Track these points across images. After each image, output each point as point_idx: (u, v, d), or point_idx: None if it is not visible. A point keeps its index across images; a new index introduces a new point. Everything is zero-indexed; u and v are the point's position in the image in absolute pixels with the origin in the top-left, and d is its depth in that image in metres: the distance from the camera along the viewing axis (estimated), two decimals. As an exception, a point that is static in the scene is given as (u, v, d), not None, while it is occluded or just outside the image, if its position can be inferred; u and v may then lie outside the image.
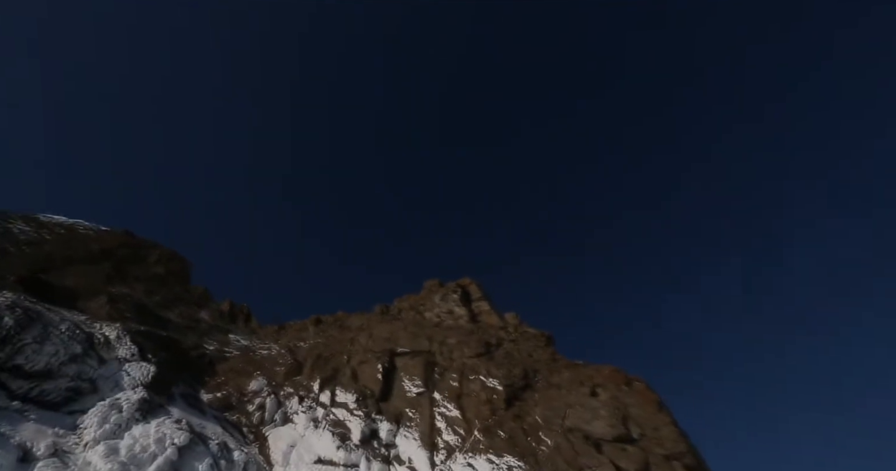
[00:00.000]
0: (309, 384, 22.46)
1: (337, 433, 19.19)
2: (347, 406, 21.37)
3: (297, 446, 17.88)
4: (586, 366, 23.35)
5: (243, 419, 18.51)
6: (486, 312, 34.35)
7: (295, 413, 20.05)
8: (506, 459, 17.75)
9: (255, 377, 21.63)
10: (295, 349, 27.37)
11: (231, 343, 27.31)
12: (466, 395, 22.08)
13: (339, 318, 41.10)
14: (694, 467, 15.62)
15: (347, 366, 25.13)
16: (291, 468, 16.95)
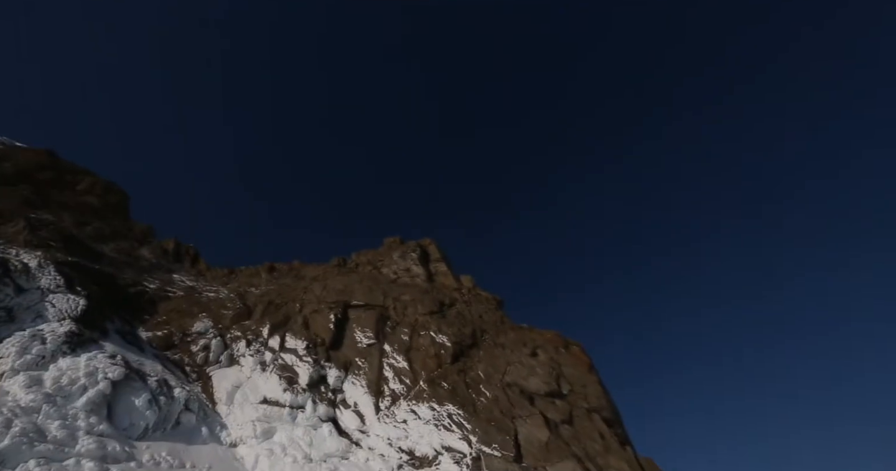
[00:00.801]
0: (258, 329, 22.27)
1: (284, 377, 19.47)
2: (297, 352, 21.57)
3: (243, 387, 18.00)
4: (531, 330, 24.97)
5: (186, 359, 18.19)
6: (442, 273, 35.10)
7: (242, 356, 19.97)
8: (447, 407, 19.06)
9: (201, 319, 21.05)
10: (245, 294, 26.73)
11: (175, 283, 26.08)
12: (416, 349, 23.01)
13: (294, 267, 40.31)
14: (610, 420, 17.71)
15: (299, 314, 25.07)
16: (235, 407, 17.15)
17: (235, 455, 14.70)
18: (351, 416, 19.05)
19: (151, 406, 12.99)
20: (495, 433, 17.18)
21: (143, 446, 11.94)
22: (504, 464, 15.93)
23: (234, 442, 15.29)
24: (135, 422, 12.45)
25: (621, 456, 15.93)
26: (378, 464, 16.55)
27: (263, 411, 17.05)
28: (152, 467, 11.27)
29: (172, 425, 13.58)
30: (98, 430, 11.21)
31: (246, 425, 16.13)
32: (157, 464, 11.50)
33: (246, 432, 15.80)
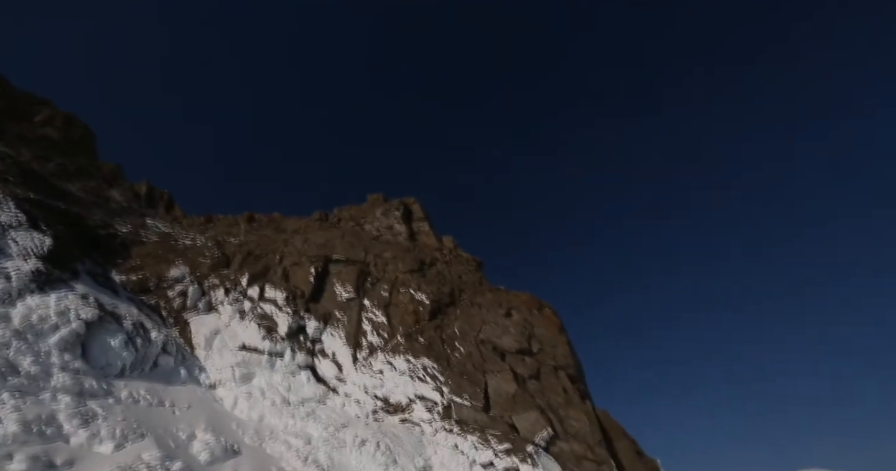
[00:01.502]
0: (237, 278, 22.15)
1: (263, 325, 19.74)
2: (276, 303, 21.73)
3: (222, 333, 18.20)
4: (507, 292, 25.78)
5: (162, 304, 18.07)
6: (425, 233, 35.18)
7: (220, 303, 19.98)
8: (422, 360, 19.93)
9: (177, 265, 20.67)
10: (223, 243, 26.24)
11: (149, 228, 25.22)
12: (394, 305, 23.54)
13: (275, 219, 39.50)
14: (574, 377, 19.00)
15: (279, 266, 24.96)
16: (214, 353, 17.43)
17: (215, 396, 15.16)
18: (329, 365, 19.73)
19: (128, 347, 13.04)
20: (467, 385, 18.23)
21: (122, 385, 12.12)
22: (473, 413, 17.08)
23: (213, 384, 15.71)
24: (111, 362, 12.53)
25: (581, 408, 17.29)
26: (354, 409, 17.46)
27: (242, 356, 17.42)
28: (131, 404, 11.52)
29: (150, 367, 13.75)
30: (73, 367, 11.25)
31: (225, 369, 16.50)
32: (135, 401, 11.76)
33: (225, 375, 16.20)
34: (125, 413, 10.81)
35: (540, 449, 15.34)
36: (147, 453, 9.63)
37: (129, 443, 9.72)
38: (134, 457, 9.20)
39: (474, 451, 15.12)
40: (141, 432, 10.29)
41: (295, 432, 14.64)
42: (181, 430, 11.73)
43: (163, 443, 10.43)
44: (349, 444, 14.43)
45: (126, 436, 9.83)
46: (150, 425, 10.85)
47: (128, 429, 10.08)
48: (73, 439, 9.24)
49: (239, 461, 11.91)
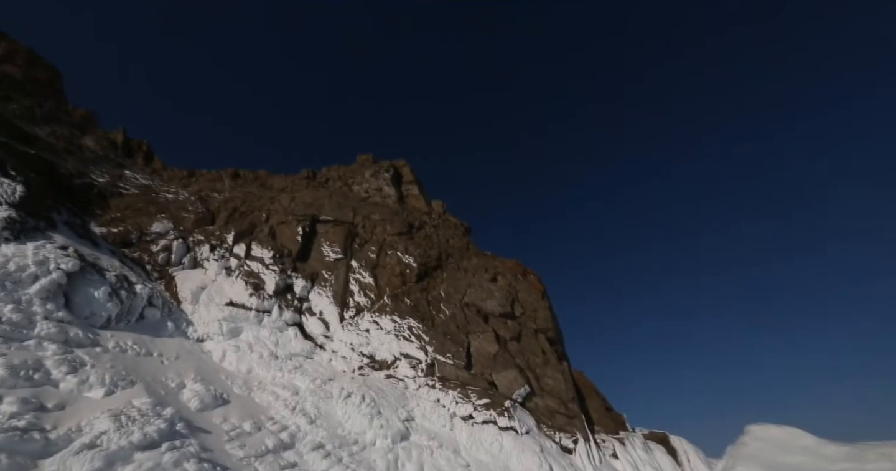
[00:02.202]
0: (222, 235, 21.83)
1: (250, 283, 19.77)
2: (263, 261, 21.66)
3: (208, 289, 18.20)
4: (494, 257, 26.18)
5: (146, 258, 17.80)
6: (414, 196, 34.85)
7: (206, 260, 19.81)
8: (408, 320, 20.47)
9: (160, 219, 20.16)
10: (207, 199, 25.56)
11: (127, 179, 24.25)
12: (382, 266, 23.74)
13: (260, 176, 38.41)
14: (553, 340, 19.87)
15: (266, 224, 24.62)
16: (201, 307, 17.51)
17: (203, 349, 15.43)
18: (316, 322, 20.13)
19: (112, 299, 12.96)
20: (450, 345, 18.93)
21: (108, 335, 12.19)
22: (455, 370, 17.88)
23: (201, 337, 15.92)
24: (96, 312, 12.49)
25: (557, 368, 18.26)
26: (340, 364, 18.07)
27: (229, 312, 17.57)
28: (118, 353, 11.65)
29: (137, 319, 13.78)
30: (57, 316, 11.19)
31: (212, 323, 16.67)
32: (123, 351, 11.89)
33: (212, 329, 16.40)
34: (113, 362, 10.95)
35: (517, 404, 16.31)
36: (138, 400, 9.89)
37: (119, 389, 9.93)
38: (125, 402, 9.44)
39: (455, 405, 15.99)
40: (130, 379, 10.50)
41: (283, 384, 15.16)
42: (170, 379, 12.01)
43: (153, 390, 10.69)
44: (335, 396, 15.05)
45: (116, 383, 10.02)
46: (139, 374, 11.06)
47: (117, 376, 10.26)
48: (63, 384, 9.38)
49: (228, 409, 12.36)
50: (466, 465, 13.22)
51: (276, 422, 12.73)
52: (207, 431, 10.64)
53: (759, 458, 12.50)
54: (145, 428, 8.82)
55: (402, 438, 13.93)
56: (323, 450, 12.02)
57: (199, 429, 10.39)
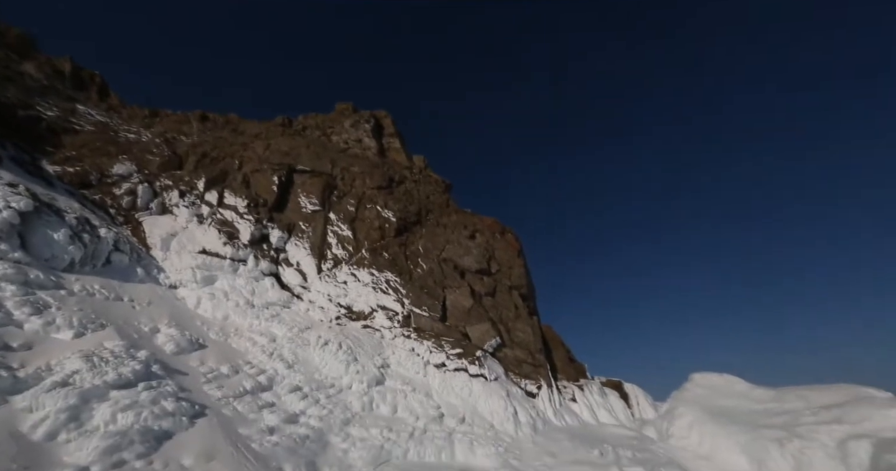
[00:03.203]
0: (192, 181, 20.80)
1: (224, 232, 19.28)
2: (237, 210, 20.99)
3: (179, 236, 17.66)
4: (473, 215, 26.28)
5: (108, 201, 16.87)
6: (395, 150, 33.83)
7: (175, 206, 19.00)
8: (385, 274, 20.74)
9: (122, 161, 18.88)
10: (174, 142, 23.97)
11: (81, 115, 22.22)
12: (361, 220, 23.51)
13: (232, 121, 36.04)
14: (525, 296, 20.72)
15: (239, 172, 23.55)
16: (172, 254, 17.08)
17: (176, 296, 15.27)
18: (293, 273, 20.11)
19: (74, 242, 12.39)
20: (426, 298, 19.47)
21: (72, 278, 11.81)
22: (430, 322, 18.56)
23: (174, 284, 15.70)
24: (57, 255, 11.98)
25: (527, 323, 19.23)
26: (318, 314, 18.39)
27: (203, 260, 17.24)
28: (85, 297, 11.38)
29: (103, 263, 13.34)
30: (13, 257, 10.67)
31: (185, 270, 16.38)
32: (90, 295, 11.62)
33: (185, 276, 16.15)
34: (80, 305, 10.72)
35: (487, 354, 17.28)
36: (110, 342, 9.85)
37: (89, 332, 9.82)
38: (96, 344, 9.39)
39: (429, 353, 16.79)
40: (100, 322, 10.37)
41: (260, 331, 15.39)
42: (143, 324, 11.95)
43: (125, 334, 10.64)
44: (312, 343, 15.47)
45: (85, 325, 9.88)
46: (110, 317, 10.92)
47: (85, 319, 10.10)
48: (27, 325, 9.17)
49: (205, 353, 12.55)
50: (438, 406, 14.16)
51: (253, 366, 13.08)
52: (184, 372, 10.84)
53: (698, 401, 13.97)
54: (119, 369, 8.87)
55: (377, 382, 14.66)
56: (300, 392, 12.55)
57: (175, 371, 10.56)
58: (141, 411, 8.09)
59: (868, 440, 10.33)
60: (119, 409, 7.89)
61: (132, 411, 7.98)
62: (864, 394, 12.72)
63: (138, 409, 8.13)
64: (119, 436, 7.30)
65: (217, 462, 7.80)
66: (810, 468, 10.35)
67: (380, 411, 13.34)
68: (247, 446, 8.99)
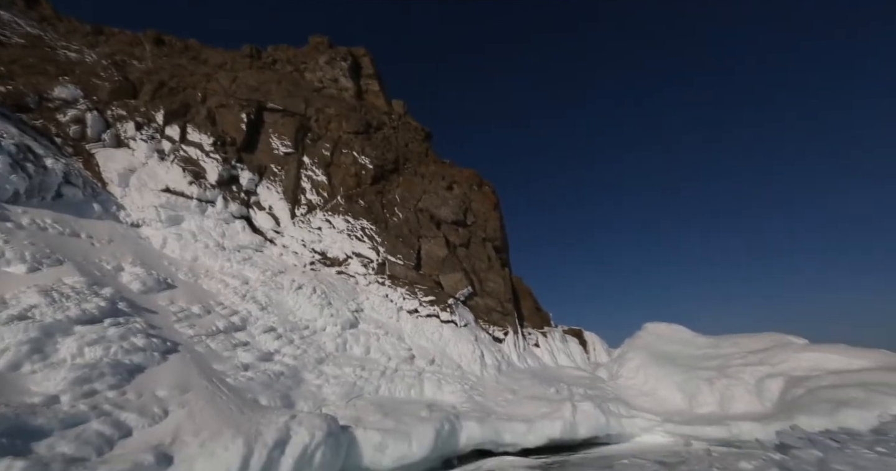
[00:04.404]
0: (149, 113, 19.02)
1: (189, 170, 18.16)
2: (202, 147, 19.64)
3: (139, 172, 16.50)
4: (451, 166, 25.83)
5: (53, 129, 15.28)
6: (374, 93, 31.87)
7: (132, 139, 17.50)
8: (361, 221, 20.51)
9: (63, 83, 16.82)
10: (125, 66, 21.46)
11: (5, 24, 19.18)
12: (336, 165, 22.64)
13: (191, 46, 32.38)
14: (499, 248, 21.21)
15: (202, 105, 21.69)
16: (132, 191, 16.07)
17: (139, 235, 14.63)
18: (265, 217, 19.54)
19: (17, 171, 11.33)
20: (402, 247, 19.59)
21: (19, 211, 10.96)
22: (404, 270, 18.85)
23: (136, 223, 14.96)
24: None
25: (499, 274, 19.90)
26: (292, 259, 18.24)
27: (167, 199, 16.36)
28: (36, 230, 10.68)
29: (53, 196, 12.39)
30: (-52, 184, 9.72)
31: (148, 209, 15.56)
32: (41, 229, 10.90)
33: (149, 215, 15.37)
34: (32, 239, 10.08)
35: (459, 302, 17.96)
36: (69, 278, 9.46)
37: (44, 267, 9.35)
38: (54, 280, 9.01)
39: (402, 300, 17.26)
40: (57, 258, 9.86)
41: (231, 274, 15.20)
42: (105, 261, 11.48)
43: (85, 270, 10.23)
44: (286, 287, 15.51)
45: (39, 260, 9.38)
46: (67, 253, 10.40)
47: (40, 254, 9.57)
48: (-26, 258, 8.63)
49: (175, 293, 12.36)
50: (409, 349, 14.88)
51: (226, 307, 13.07)
52: (153, 311, 10.71)
53: (646, 347, 15.36)
54: (83, 305, 8.64)
55: (350, 326, 15.09)
56: (274, 332, 12.79)
57: (143, 309, 10.41)
58: (110, 346, 8.04)
59: (781, 378, 11.88)
60: (86, 343, 7.80)
61: (100, 345, 7.91)
62: (786, 341, 14.45)
63: (106, 344, 8.07)
64: (88, 368, 7.29)
65: (192, 394, 8.01)
66: (732, 402, 11.87)
67: (353, 351, 13.89)
68: (221, 380, 9.24)
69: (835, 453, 6.80)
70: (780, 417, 10.24)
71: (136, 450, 6.16)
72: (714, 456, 8.74)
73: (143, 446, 6.28)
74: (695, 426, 11.13)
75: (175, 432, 6.88)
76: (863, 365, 12.04)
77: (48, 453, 5.52)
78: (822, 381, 11.28)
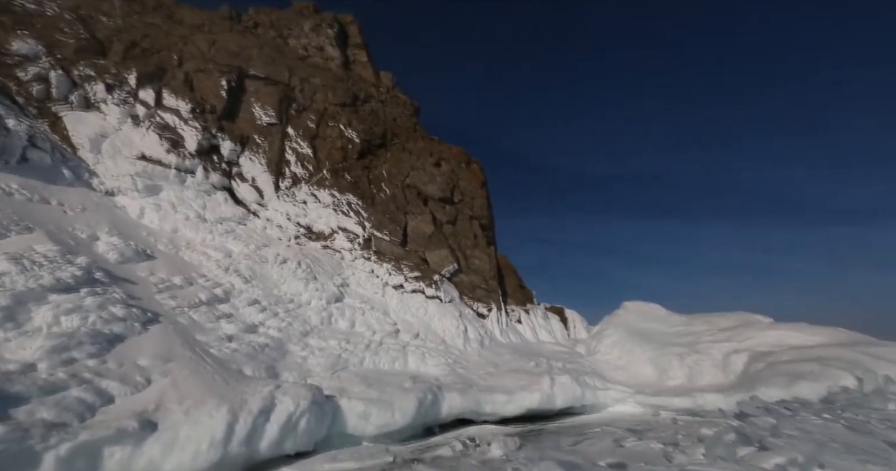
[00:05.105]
0: (121, 75, 17.89)
1: (166, 137, 17.36)
2: (180, 114, 18.73)
3: (112, 138, 15.69)
4: (440, 143, 25.45)
5: (13, 87, 14.24)
6: (361, 63, 30.69)
7: (102, 102, 16.52)
8: (347, 196, 20.20)
9: (22, 37, 15.54)
10: (90, 22, 19.92)
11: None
12: (322, 138, 22.01)
13: (165, 4, 30.23)
14: (485, 226, 21.32)
15: (179, 69, 20.51)
16: (105, 158, 15.33)
17: (115, 203, 14.09)
18: (248, 189, 19.02)
19: (-22, 132, 10.64)
20: (388, 223, 19.48)
21: (-17, 174, 10.38)
22: (391, 246, 18.83)
23: (111, 191, 14.37)
24: (-41, 146, 10.32)
25: (484, 251, 20.08)
26: (276, 232, 17.95)
27: (143, 167, 15.69)
28: (2, 196, 10.16)
29: (18, 160, 11.71)
30: None
31: (123, 177, 14.92)
32: (7, 194, 10.36)
33: (124, 184, 14.76)
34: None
35: (444, 278, 18.15)
36: (41, 246, 9.12)
37: (13, 234, 8.96)
38: (24, 247, 8.66)
39: (388, 275, 17.33)
40: (26, 225, 9.45)
41: (214, 246, 14.89)
42: (79, 230, 11.07)
43: (58, 239, 9.85)
44: (271, 260, 15.33)
45: (6, 227, 8.97)
46: (37, 220, 9.96)
47: (6, 220, 9.14)
48: (-65, 223, 8.19)
49: (155, 264, 12.08)
50: (394, 323, 15.08)
51: (208, 279, 12.88)
52: (133, 281, 10.48)
53: (624, 324, 15.98)
54: (56, 273, 8.38)
55: (336, 300, 15.13)
56: (259, 305, 12.73)
57: (122, 279, 10.17)
58: (87, 316, 7.88)
59: (746, 353, 12.64)
60: (62, 312, 7.62)
61: (77, 314, 7.75)
62: (753, 320, 15.29)
63: (84, 313, 7.90)
64: (66, 337, 7.16)
65: (175, 364, 7.99)
66: (700, 375, 12.58)
67: (338, 325, 13.99)
68: (205, 350, 9.22)
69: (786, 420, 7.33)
70: (742, 388, 10.92)
71: (120, 416, 6.18)
72: (679, 424, 9.32)
73: (126, 413, 6.29)
74: (664, 398, 11.78)
75: (159, 400, 6.89)
76: (819, 341, 12.90)
77: (28, 418, 5.48)
78: (782, 356, 12.05)
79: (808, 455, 4.83)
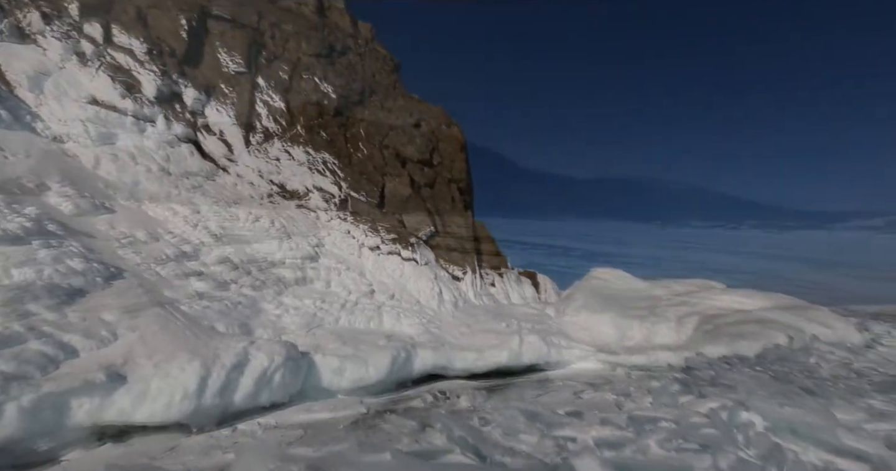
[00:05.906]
0: (59, 3, 15.85)
1: (120, 81, 15.85)
2: (134, 55, 17.02)
3: (55, 77, 14.16)
4: (420, 102, 24.50)
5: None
6: (338, 11, 28.36)
7: (40, 34, 14.70)
8: (322, 154, 19.44)
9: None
10: (20, -61, 17.23)
11: None
12: (296, 91, 20.70)
13: (108, -77, 26.41)
14: (464, 190, 21.24)
15: (130, 2, 18.35)
16: (49, 100, 13.91)
17: (65, 151, 13.01)
18: (216, 142, 17.92)
19: None
20: (365, 183, 19.03)
21: None
22: (367, 207, 18.53)
23: (59, 138, 13.20)
24: None
25: (462, 216, 20.13)
26: (247, 189, 17.22)
27: (95, 112, 14.39)
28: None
29: (-53, 97, 10.47)
30: None
31: (73, 122, 13.68)
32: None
33: (74, 130, 13.57)
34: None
35: (421, 241, 18.19)
36: (-17, 194, 8.42)
37: (-51, 180, 8.20)
38: (-37, 194, 7.97)
39: (364, 237, 17.19)
40: (-37, 170, 8.63)
41: (180, 201, 14.20)
42: (24, 178, 10.23)
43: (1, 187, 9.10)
44: (242, 218, 14.83)
45: (-59, 171, 8.18)
46: (-24, 166, 9.11)
47: (-60, 163, 8.31)
48: None
49: (115, 218, 11.47)
50: (370, 284, 15.18)
51: (175, 235, 12.40)
52: (91, 235, 9.96)
53: (591, 289, 16.78)
54: (2, 224, 7.83)
55: (311, 259, 14.98)
56: (230, 263, 12.45)
57: (79, 232, 9.64)
58: (42, 269, 7.50)
59: (697, 316, 13.75)
60: (12, 264, 7.21)
61: (30, 267, 7.35)
62: (708, 285, 16.58)
63: (38, 266, 7.51)
64: (19, 290, 6.83)
65: (143, 319, 7.83)
66: (655, 336, 13.60)
67: (313, 285, 13.97)
68: (175, 307, 9.05)
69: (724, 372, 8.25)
70: (691, 347, 11.96)
71: (86, 369, 6.08)
72: (632, 378, 10.22)
73: (93, 366, 6.19)
74: (622, 356, 12.72)
75: (127, 355, 6.80)
76: (762, 305, 14.20)
77: (-16, 370, 5.31)
78: (729, 318, 13.20)
79: (738, 400, 5.46)
